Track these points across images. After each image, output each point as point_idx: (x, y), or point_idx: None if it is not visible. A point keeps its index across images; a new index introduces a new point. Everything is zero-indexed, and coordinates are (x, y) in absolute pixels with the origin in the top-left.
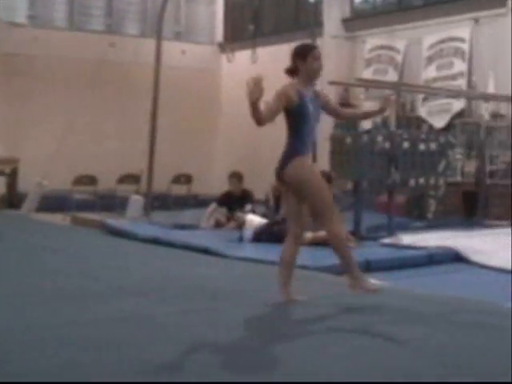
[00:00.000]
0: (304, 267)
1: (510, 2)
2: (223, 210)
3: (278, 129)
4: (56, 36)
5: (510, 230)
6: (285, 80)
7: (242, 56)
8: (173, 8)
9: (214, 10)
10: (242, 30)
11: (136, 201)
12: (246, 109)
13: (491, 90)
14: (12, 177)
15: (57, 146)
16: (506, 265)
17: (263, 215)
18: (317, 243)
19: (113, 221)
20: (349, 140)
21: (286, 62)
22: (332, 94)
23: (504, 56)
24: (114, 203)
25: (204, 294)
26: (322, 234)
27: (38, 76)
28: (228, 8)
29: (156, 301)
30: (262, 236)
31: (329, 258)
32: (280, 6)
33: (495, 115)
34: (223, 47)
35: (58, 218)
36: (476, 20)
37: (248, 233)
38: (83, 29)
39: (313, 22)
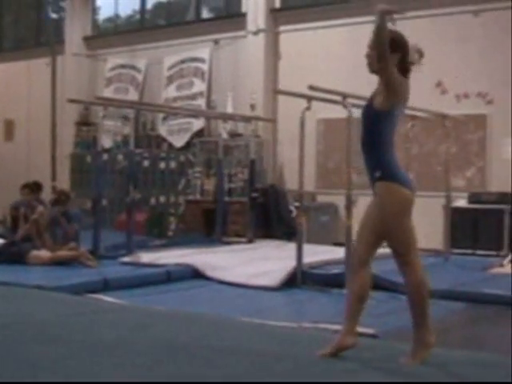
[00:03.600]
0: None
1: (248, 25)
2: None
3: (17, 147)
4: None
5: (246, 246)
6: (24, 97)
7: None
8: None
9: None
10: None
11: None
12: None
13: (230, 109)
14: None
15: None
16: (241, 280)
17: (0, 236)
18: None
19: None
20: (89, 158)
21: (26, 79)
22: (72, 112)
23: (242, 77)
24: None
25: None
26: (62, 252)
27: None
28: None
29: None
30: (0, 257)
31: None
32: (21, 22)
33: (233, 134)
34: None
35: None
36: (216, 41)
37: None
38: None
39: (53, 40)
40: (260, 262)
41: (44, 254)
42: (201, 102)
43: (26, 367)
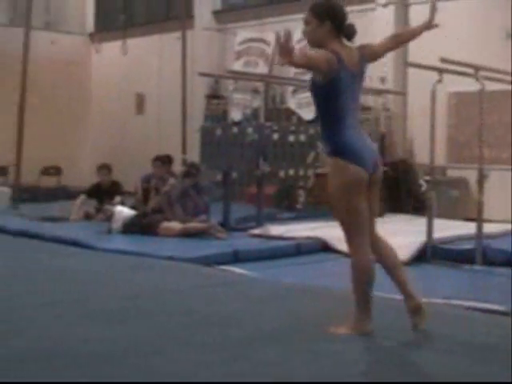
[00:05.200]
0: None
1: None
2: (93, 202)
3: (147, 121)
4: None
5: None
6: (155, 71)
7: (113, 47)
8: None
9: None
10: (113, 20)
11: (3, 193)
12: (116, 100)
13: None
14: None
15: None
16: None
17: (132, 207)
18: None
19: None
20: (219, 131)
21: (157, 53)
22: (202, 86)
23: None
24: None
25: (73, 286)
26: (193, 224)
27: None
28: None
29: (22, 293)
30: (132, 228)
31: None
32: None
33: (363, 108)
34: (93, 37)
35: None
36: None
37: (117, 225)
38: None
39: (184, 14)
40: (389, 237)
41: (175, 225)
42: None
43: (162, 337)
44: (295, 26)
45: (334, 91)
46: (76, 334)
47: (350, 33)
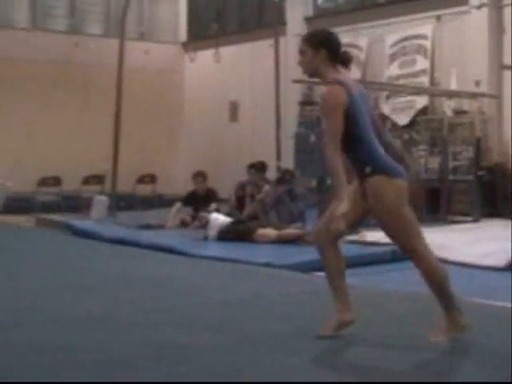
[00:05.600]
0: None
1: (471, 0)
2: (188, 210)
3: (241, 128)
4: (17, 36)
5: (472, 225)
6: (248, 79)
7: (206, 55)
8: (136, 7)
9: (177, 9)
10: (206, 28)
11: (100, 201)
12: (209, 108)
13: (454, 86)
14: None
15: (20, 148)
16: (468, 260)
17: (227, 214)
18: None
19: (78, 222)
20: (312, 138)
21: (249, 61)
22: (296, 92)
23: (465, 53)
24: (78, 204)
25: (169, 293)
26: (288, 231)
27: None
28: (191, 7)
29: (121, 301)
30: (227, 235)
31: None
32: (243, 4)
33: (458, 112)
34: (186, 46)
35: (21, 220)
36: (438, 17)
37: (213, 232)
38: (45, 29)
39: (276, 21)
40: (486, 242)
41: (270, 232)
42: (424, 80)
43: (252, 343)
44: (388, 30)
45: (353, 115)
46: (177, 341)
47: (345, 59)
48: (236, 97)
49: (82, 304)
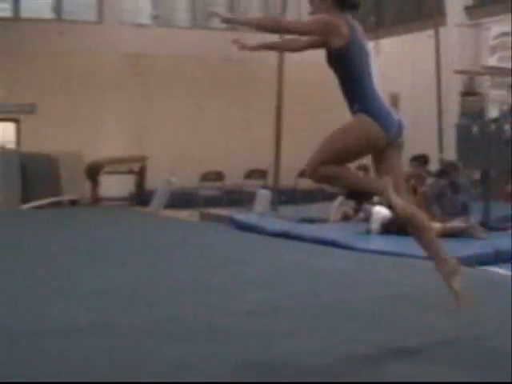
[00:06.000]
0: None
1: None
2: (350, 203)
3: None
4: (179, 35)
5: None
6: (408, 70)
7: None
8: (295, 3)
9: None
10: (364, 21)
11: (263, 195)
12: None
13: None
14: (140, 175)
15: (184, 144)
16: None
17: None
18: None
19: (241, 216)
20: (475, 129)
21: (409, 52)
22: (457, 83)
23: None
24: (240, 198)
25: (335, 287)
26: (452, 224)
27: (163, 75)
28: None
29: (285, 294)
30: (390, 228)
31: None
32: None
33: None
34: None
35: (185, 215)
36: None
37: (375, 225)
38: (205, 26)
39: (436, 11)
40: None
41: (434, 225)
42: None
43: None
44: None
45: (353, 53)
46: (342, 336)
47: (353, 4)
48: (397, 88)
49: (246, 296)
